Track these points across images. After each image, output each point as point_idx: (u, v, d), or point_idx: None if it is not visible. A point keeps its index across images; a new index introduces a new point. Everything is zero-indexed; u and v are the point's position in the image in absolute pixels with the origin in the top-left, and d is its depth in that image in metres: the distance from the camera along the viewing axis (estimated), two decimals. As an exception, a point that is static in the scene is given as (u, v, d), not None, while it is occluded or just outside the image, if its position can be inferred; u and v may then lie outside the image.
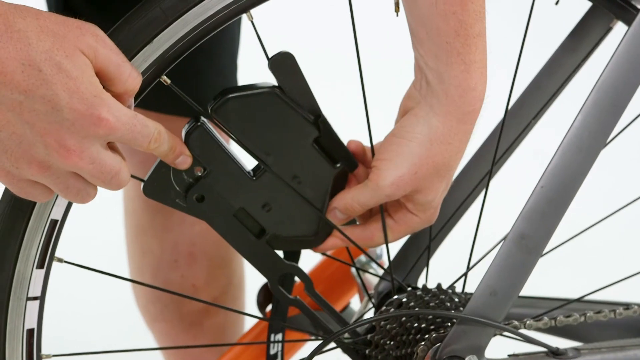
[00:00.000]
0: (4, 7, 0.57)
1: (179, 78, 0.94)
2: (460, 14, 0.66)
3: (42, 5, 0.98)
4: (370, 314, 0.83)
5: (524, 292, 0.85)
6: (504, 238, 0.72)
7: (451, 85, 0.68)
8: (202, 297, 1.05)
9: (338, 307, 0.99)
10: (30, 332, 0.70)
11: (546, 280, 1.22)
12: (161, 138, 0.65)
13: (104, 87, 0.61)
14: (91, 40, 0.61)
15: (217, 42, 0.95)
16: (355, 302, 1.01)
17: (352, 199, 0.72)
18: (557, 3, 0.84)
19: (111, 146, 0.63)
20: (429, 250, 0.82)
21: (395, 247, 0.83)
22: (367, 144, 0.75)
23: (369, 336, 0.76)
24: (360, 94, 0.73)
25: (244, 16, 1.01)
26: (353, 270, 0.97)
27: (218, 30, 0.69)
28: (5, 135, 0.58)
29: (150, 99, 0.73)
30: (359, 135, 0.76)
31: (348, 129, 0.84)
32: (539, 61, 0.83)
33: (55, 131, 0.58)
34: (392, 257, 0.85)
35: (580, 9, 0.81)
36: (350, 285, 0.97)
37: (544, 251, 0.73)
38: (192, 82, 0.94)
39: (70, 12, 0.93)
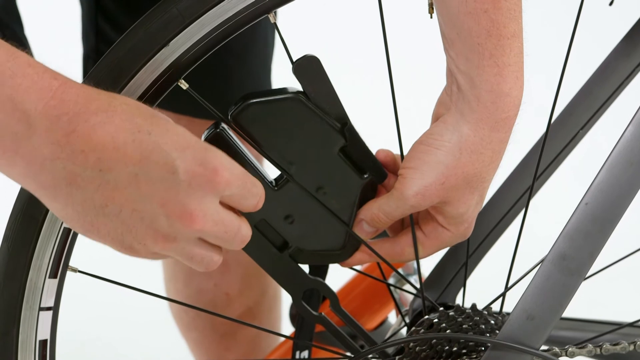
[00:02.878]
0: (104, 92, 0.56)
1: (208, 81, 0.92)
2: (492, 12, 0.61)
3: (76, 4, 0.96)
4: (404, 332, 0.78)
5: (573, 313, 0.80)
6: (543, 259, 0.66)
7: (483, 90, 0.63)
8: (236, 307, 1.02)
9: (374, 323, 0.95)
10: (44, 343, 0.68)
11: (598, 300, 1.15)
12: (263, 197, 0.62)
13: None
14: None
15: (249, 44, 0.92)
16: (394, 316, 0.96)
17: (378, 209, 0.68)
18: (611, 4, 0.78)
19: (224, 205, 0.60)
20: (466, 267, 0.77)
21: (432, 261, 0.79)
22: (397, 152, 0.70)
23: (397, 358, 0.71)
24: (390, 99, 0.69)
25: (288, 16, 0.98)
26: (391, 282, 0.93)
27: (239, 32, 0.66)
28: (126, 214, 0.56)
29: (177, 101, 0.70)
30: (388, 144, 0.71)
31: (377, 137, 0.79)
32: (587, 66, 0.77)
33: (174, 197, 0.56)
34: (429, 272, 0.81)
35: (636, 10, 0.75)
36: (387, 300, 0.93)
37: (588, 273, 0.67)
38: (222, 85, 0.92)
39: (101, 11, 0.92)
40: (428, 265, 0.83)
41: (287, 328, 0.93)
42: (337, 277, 0.89)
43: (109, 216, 0.55)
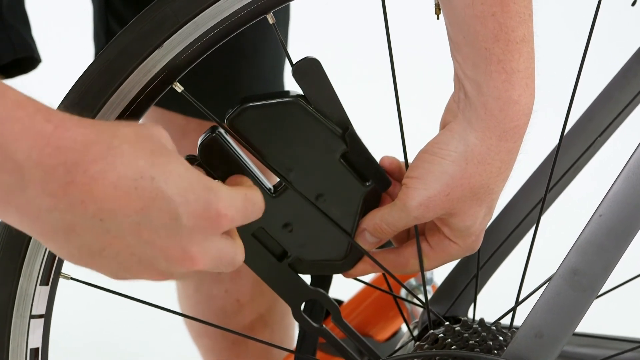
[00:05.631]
0: (103, 130, 0.52)
1: (218, 83, 0.90)
2: (500, 15, 0.58)
3: (88, 4, 0.95)
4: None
5: (592, 329, 0.76)
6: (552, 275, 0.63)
7: (490, 97, 0.60)
8: (247, 314, 1.00)
9: (385, 334, 0.92)
10: (35, 351, 0.67)
11: (617, 316, 1.10)
12: (263, 206, 0.60)
13: None
14: (165, 133, 0.56)
15: (259, 45, 0.90)
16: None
17: (380, 219, 0.65)
18: (633, 4, 0.74)
19: None
20: (477, 280, 0.74)
21: (445, 270, 0.76)
22: (402, 159, 0.67)
23: (400, 373, 0.69)
24: (395, 105, 0.66)
25: (291, 18, 0.96)
26: (403, 292, 0.90)
27: (236, 33, 0.63)
28: (124, 257, 0.53)
29: (186, 104, 0.68)
30: (393, 150, 0.69)
31: (381, 143, 0.76)
32: (609, 69, 0.73)
33: (177, 244, 0.53)
34: (439, 283, 0.78)
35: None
36: (397, 312, 0.90)
37: (603, 289, 0.64)
38: (232, 87, 0.89)
39: (110, 11, 0.90)
40: (442, 274, 0.80)
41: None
42: (350, 287, 0.86)
43: (106, 257, 0.53)
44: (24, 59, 0.85)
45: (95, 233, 0.51)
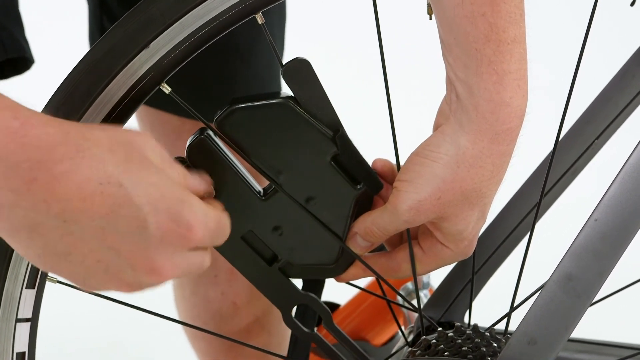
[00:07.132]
0: (72, 131, 0.51)
1: (213, 84, 0.89)
2: (491, 15, 0.56)
3: (83, 4, 0.94)
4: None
5: (590, 335, 0.75)
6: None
7: (482, 99, 0.58)
8: (243, 317, 0.99)
9: (382, 339, 0.91)
10: (22, 355, 0.66)
11: (618, 322, 1.08)
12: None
13: None
14: (151, 142, 0.55)
15: (254, 45, 0.89)
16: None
17: (371, 222, 0.64)
18: (632, 4, 0.72)
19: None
20: (472, 284, 0.73)
21: (442, 273, 0.75)
22: (394, 162, 0.66)
23: (392, 380, 0.67)
24: (387, 106, 0.65)
25: (287, 16, 0.95)
26: (399, 299, 0.89)
27: (225, 33, 0.62)
28: (90, 263, 0.53)
29: (176, 102, 0.67)
30: (385, 153, 0.67)
31: (373, 146, 0.75)
32: (608, 71, 0.72)
33: (143, 252, 0.52)
34: (435, 287, 0.77)
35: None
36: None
37: (597, 297, 0.62)
38: (227, 87, 0.89)
39: (105, 11, 0.90)
40: (439, 278, 0.79)
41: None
42: (348, 291, 0.85)
43: (72, 262, 0.52)
44: (18, 59, 0.84)
45: (58, 234, 0.51)
